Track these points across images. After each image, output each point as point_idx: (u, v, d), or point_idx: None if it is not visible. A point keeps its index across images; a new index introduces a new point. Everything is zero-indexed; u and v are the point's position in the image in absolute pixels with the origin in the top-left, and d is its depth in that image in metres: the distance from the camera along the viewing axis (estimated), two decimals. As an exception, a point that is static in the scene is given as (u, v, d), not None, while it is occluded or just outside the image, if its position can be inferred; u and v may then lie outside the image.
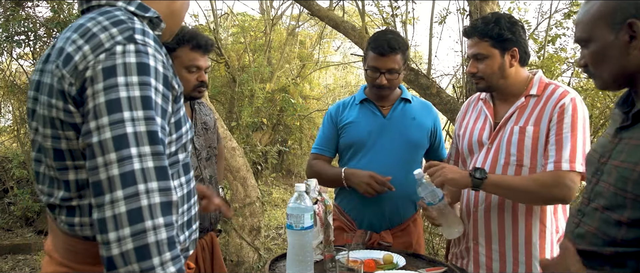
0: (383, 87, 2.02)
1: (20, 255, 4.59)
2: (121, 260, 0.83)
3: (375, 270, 1.66)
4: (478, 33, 1.72)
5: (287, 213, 1.53)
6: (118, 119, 0.86)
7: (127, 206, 0.83)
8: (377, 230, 2.07)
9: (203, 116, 2.02)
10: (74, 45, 0.92)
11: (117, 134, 0.85)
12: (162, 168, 0.88)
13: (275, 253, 3.48)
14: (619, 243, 1.01)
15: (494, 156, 1.74)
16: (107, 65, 0.88)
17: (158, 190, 0.86)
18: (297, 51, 8.88)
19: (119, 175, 0.84)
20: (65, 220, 0.99)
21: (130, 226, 0.83)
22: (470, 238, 1.81)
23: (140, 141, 0.86)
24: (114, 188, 0.84)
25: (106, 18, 0.94)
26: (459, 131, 1.95)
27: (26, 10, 4.66)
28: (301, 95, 8.15)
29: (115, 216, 0.83)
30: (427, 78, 4.05)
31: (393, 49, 1.96)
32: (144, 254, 0.83)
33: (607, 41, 1.06)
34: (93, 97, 0.87)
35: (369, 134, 2.07)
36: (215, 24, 7.17)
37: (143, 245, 0.83)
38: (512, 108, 1.75)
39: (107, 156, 0.85)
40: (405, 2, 4.68)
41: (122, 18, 0.94)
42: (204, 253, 1.93)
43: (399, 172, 2.01)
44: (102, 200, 0.84)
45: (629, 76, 1.07)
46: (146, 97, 0.88)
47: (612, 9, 1.05)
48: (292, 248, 1.53)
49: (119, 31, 0.91)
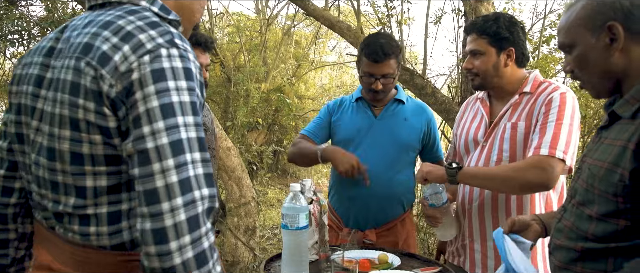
0: (378, 92, 2.04)
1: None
2: (182, 269, 0.82)
3: (370, 270, 1.66)
4: (477, 30, 1.74)
5: (282, 213, 1.53)
6: (173, 125, 0.84)
7: (186, 215, 0.82)
8: (362, 228, 2.08)
9: (202, 117, 2.01)
10: (108, 43, 0.87)
11: (173, 140, 0.83)
12: (209, 175, 0.88)
13: (271, 253, 3.48)
14: (589, 238, 1.04)
15: (487, 154, 1.75)
16: (155, 68, 0.85)
17: (208, 196, 0.86)
18: (293, 50, 8.88)
19: (178, 182, 0.83)
20: (79, 229, 0.93)
21: (189, 234, 0.82)
22: (466, 236, 1.82)
23: (193, 148, 0.86)
24: (173, 196, 0.82)
25: (138, 18, 0.91)
26: (457, 131, 1.96)
27: (20, 10, 4.64)
28: (296, 95, 8.16)
29: (175, 225, 0.81)
30: (423, 78, 4.05)
31: (387, 55, 1.97)
32: (202, 260, 0.84)
33: (589, 44, 1.08)
34: (145, 101, 0.84)
35: (358, 132, 2.09)
36: (211, 24, 7.16)
37: (201, 251, 0.84)
38: (506, 106, 1.76)
39: (164, 163, 0.82)
40: (401, 2, 4.68)
41: (156, 20, 0.92)
42: None
43: (386, 172, 2.03)
44: (159, 208, 0.81)
45: (615, 78, 1.09)
46: (193, 103, 0.88)
47: (592, 13, 1.07)
48: (287, 248, 1.53)
49: (158, 34, 0.88)
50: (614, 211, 1.00)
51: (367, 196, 2.02)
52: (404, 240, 2.12)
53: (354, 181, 2.01)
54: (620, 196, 0.99)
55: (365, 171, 1.95)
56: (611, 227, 1.01)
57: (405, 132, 2.09)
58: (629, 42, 1.05)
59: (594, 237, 1.03)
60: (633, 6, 1.04)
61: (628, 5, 1.04)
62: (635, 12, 1.04)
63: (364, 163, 1.99)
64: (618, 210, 1.00)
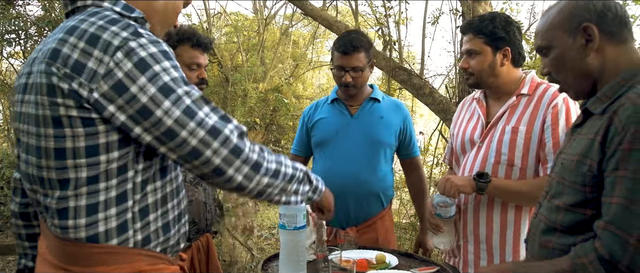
0: (348, 85, 2.09)
1: (10, 256, 4.55)
2: (247, 181, 1.05)
3: (367, 269, 1.67)
4: (473, 29, 1.74)
5: (280, 213, 1.53)
6: (176, 98, 0.96)
7: (227, 148, 1.00)
8: (343, 226, 2.12)
9: None
10: (76, 50, 0.93)
11: (183, 109, 0.96)
12: (224, 116, 1.03)
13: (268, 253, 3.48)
14: (558, 229, 1.10)
15: (484, 155, 1.75)
16: (135, 61, 0.93)
17: (234, 127, 1.03)
18: (291, 50, 8.89)
19: (207, 132, 0.98)
20: (59, 223, 1.00)
21: (238, 158, 1.02)
22: (461, 237, 1.83)
23: (200, 106, 0.99)
24: (209, 144, 0.98)
25: (99, 18, 0.97)
26: (453, 131, 1.97)
27: (17, 9, 4.62)
28: (294, 95, 8.16)
29: (224, 159, 1.00)
30: (420, 78, 4.06)
31: (356, 48, 2.04)
32: (257, 167, 1.05)
33: (566, 46, 1.12)
34: (143, 91, 0.93)
35: (336, 132, 2.14)
36: (208, 24, 7.15)
37: (253, 162, 1.05)
38: (504, 107, 1.76)
39: (188, 127, 0.97)
40: (399, 3, 4.69)
41: (115, 17, 0.98)
42: (200, 255, 1.93)
43: (364, 169, 2.08)
44: (206, 157, 0.99)
45: (592, 79, 1.13)
46: (181, 76, 1.00)
47: (568, 15, 1.12)
48: (285, 248, 1.53)
49: (120, 28, 0.95)
50: (581, 201, 1.06)
51: (347, 195, 2.06)
52: (384, 236, 2.16)
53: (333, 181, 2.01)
54: (588, 186, 1.04)
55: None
56: (578, 217, 1.06)
57: (381, 130, 2.13)
58: (603, 42, 1.09)
59: (562, 227, 1.09)
60: (605, 7, 1.09)
61: (601, 6, 1.09)
62: (608, 14, 1.09)
63: (342, 163, 2.07)
64: (585, 199, 1.05)
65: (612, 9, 1.09)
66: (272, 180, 1.10)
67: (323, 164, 2.15)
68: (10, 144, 5.72)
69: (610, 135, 1.00)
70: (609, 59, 1.10)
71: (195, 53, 1.86)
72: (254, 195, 1.10)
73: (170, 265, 1.11)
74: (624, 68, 1.09)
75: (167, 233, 1.09)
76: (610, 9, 1.09)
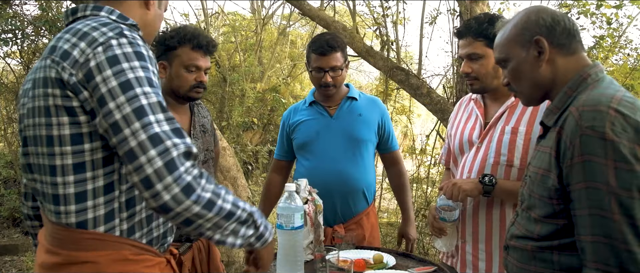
0: (328, 85, 2.12)
1: (7, 256, 4.53)
2: (173, 202, 0.98)
3: (365, 269, 1.67)
4: (472, 33, 1.72)
5: (277, 213, 1.53)
6: (133, 95, 0.99)
7: (163, 160, 0.97)
8: (331, 224, 2.14)
9: (201, 119, 1.99)
10: (68, 43, 1.05)
11: (135, 107, 0.99)
12: (178, 129, 1.03)
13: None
14: (536, 238, 1.15)
15: (483, 156, 1.74)
16: (109, 55, 1.01)
17: (181, 143, 1.01)
18: (288, 50, 8.88)
19: (148, 138, 0.98)
20: (53, 208, 1.08)
21: (170, 175, 0.98)
22: (459, 237, 1.82)
23: (155, 110, 1.01)
24: (146, 150, 0.97)
25: (94, 22, 1.08)
26: (451, 131, 1.96)
27: (14, 8, 4.61)
28: (292, 95, 8.15)
29: (156, 171, 0.97)
30: (418, 78, 4.06)
31: (332, 48, 2.08)
32: (188, 190, 1.00)
33: (520, 58, 1.21)
34: (105, 82, 1.00)
35: (317, 133, 2.17)
36: (206, 23, 7.15)
37: (185, 185, 0.99)
38: (502, 108, 1.75)
39: (132, 126, 0.98)
40: (396, 3, 4.69)
41: (108, 21, 1.09)
42: (201, 255, 1.91)
43: (347, 167, 2.12)
44: (139, 162, 0.97)
45: (544, 88, 1.21)
46: (149, 78, 1.03)
47: (521, 30, 1.20)
48: (283, 248, 1.53)
49: (109, 29, 1.05)
50: (552, 213, 1.11)
51: (333, 193, 2.09)
52: (370, 232, 2.20)
53: (318, 181, 2.06)
54: (554, 199, 1.10)
55: None
56: (553, 227, 1.12)
57: (360, 127, 2.17)
58: (553, 53, 1.17)
59: (539, 237, 1.14)
60: (554, 21, 1.17)
61: (550, 21, 1.17)
62: (556, 27, 1.17)
63: (326, 162, 2.12)
64: (555, 211, 1.11)
65: (561, 22, 1.17)
66: (203, 211, 1.02)
67: (307, 165, 2.18)
68: (6, 144, 5.70)
69: (562, 150, 1.06)
70: (560, 69, 1.18)
71: (195, 55, 1.82)
72: (180, 221, 1.02)
73: (156, 257, 1.16)
74: (571, 78, 1.16)
75: (150, 224, 1.15)
76: (559, 23, 1.17)
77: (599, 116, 1.00)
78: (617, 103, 1.02)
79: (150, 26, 1.25)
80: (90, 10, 1.14)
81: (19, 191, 4.96)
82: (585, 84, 1.14)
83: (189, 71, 1.82)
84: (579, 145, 1.01)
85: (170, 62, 1.82)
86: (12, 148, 5.41)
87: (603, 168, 0.98)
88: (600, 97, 1.04)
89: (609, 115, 1.00)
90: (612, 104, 1.01)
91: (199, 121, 1.95)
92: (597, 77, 1.14)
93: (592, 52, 3.92)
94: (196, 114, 1.95)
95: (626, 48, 4.37)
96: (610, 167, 0.98)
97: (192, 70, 1.82)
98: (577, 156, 1.02)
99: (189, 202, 1.00)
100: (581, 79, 1.15)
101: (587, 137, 1.00)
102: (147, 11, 1.22)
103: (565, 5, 4.23)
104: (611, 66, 3.99)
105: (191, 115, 1.93)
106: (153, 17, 1.24)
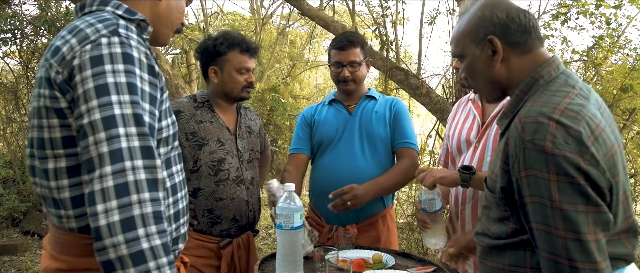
0: (347, 80, 2.13)
1: (6, 256, 4.53)
2: (107, 231, 0.88)
3: (364, 269, 1.67)
4: None
5: (276, 212, 1.53)
6: (106, 102, 0.92)
7: (115, 181, 0.89)
8: (343, 224, 2.11)
9: (247, 120, 2.11)
10: (62, 39, 1.00)
11: (105, 116, 0.92)
12: (147, 148, 0.94)
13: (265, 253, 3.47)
14: (492, 237, 1.15)
15: (480, 155, 1.75)
16: (94, 54, 0.95)
17: (143, 167, 0.92)
18: (288, 50, 8.88)
19: (108, 152, 0.90)
20: (54, 212, 1.04)
21: (116, 199, 0.89)
22: (452, 233, 1.83)
23: (127, 123, 0.93)
24: (103, 164, 0.90)
25: (93, 17, 1.02)
26: (449, 131, 1.96)
27: (13, 8, 4.60)
28: (291, 95, 8.15)
29: (103, 190, 0.89)
30: (417, 78, 4.06)
31: (352, 43, 2.11)
32: (129, 225, 0.89)
33: (474, 55, 1.16)
34: (82, 84, 0.93)
35: (336, 131, 2.16)
36: (206, 23, 7.14)
37: (129, 217, 0.89)
38: (499, 107, 1.76)
39: (97, 135, 0.91)
40: (396, 2, 4.69)
41: (108, 17, 1.02)
42: (240, 251, 1.98)
43: (364, 166, 2.08)
44: (93, 175, 0.90)
45: (499, 87, 1.17)
46: (131, 84, 0.95)
47: (475, 26, 1.15)
48: (282, 248, 1.53)
49: (104, 26, 0.99)
50: (503, 217, 1.12)
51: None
52: (386, 236, 2.14)
53: (333, 178, 2.07)
54: (501, 206, 1.10)
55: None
56: (504, 228, 1.12)
57: (376, 124, 2.16)
58: (508, 53, 1.12)
59: (494, 235, 1.14)
60: (509, 19, 1.11)
61: (505, 18, 1.11)
62: (511, 25, 1.11)
63: (342, 160, 2.09)
64: (504, 216, 1.11)
65: (515, 19, 1.11)
66: (127, 260, 0.87)
67: (323, 162, 2.16)
68: (5, 143, 5.69)
69: (510, 161, 1.03)
70: (515, 69, 1.13)
71: (244, 58, 1.98)
72: (99, 257, 0.89)
73: None
74: (524, 77, 1.12)
75: None
76: (514, 20, 1.11)
77: (540, 128, 0.97)
78: (559, 114, 0.97)
79: (164, 18, 1.16)
80: (97, 5, 1.08)
81: (18, 191, 4.96)
82: (536, 86, 1.10)
83: (240, 73, 1.97)
84: (523, 159, 0.99)
85: (221, 67, 1.97)
86: (11, 148, 5.41)
87: (546, 183, 0.96)
88: (542, 108, 1.00)
89: (549, 127, 0.96)
90: (554, 115, 0.97)
91: (245, 122, 2.09)
92: (549, 78, 1.10)
93: (591, 52, 3.92)
94: (243, 116, 2.10)
95: (625, 48, 4.37)
96: (553, 181, 0.95)
97: (243, 72, 1.98)
98: (522, 170, 0.99)
99: (121, 237, 0.87)
100: (533, 81, 1.11)
101: (529, 151, 0.97)
102: (157, 2, 1.14)
103: (564, 5, 4.24)
104: (610, 66, 3.99)
105: (238, 116, 2.07)
106: (166, 8, 1.15)
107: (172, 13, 1.17)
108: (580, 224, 0.95)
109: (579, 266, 0.95)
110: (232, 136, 1.98)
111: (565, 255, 0.95)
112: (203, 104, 1.98)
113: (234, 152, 1.96)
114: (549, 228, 0.97)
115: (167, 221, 1.09)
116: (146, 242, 0.89)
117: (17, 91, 5.24)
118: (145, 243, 0.89)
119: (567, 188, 0.95)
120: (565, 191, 0.95)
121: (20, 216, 5.17)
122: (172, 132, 1.11)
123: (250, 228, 2.03)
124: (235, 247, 1.95)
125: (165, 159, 1.09)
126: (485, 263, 1.18)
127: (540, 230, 0.99)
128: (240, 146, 2.00)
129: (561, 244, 0.95)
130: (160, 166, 0.95)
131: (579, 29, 4.29)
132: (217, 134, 1.94)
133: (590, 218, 0.95)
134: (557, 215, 0.96)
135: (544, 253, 0.99)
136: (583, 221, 0.95)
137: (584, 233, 0.95)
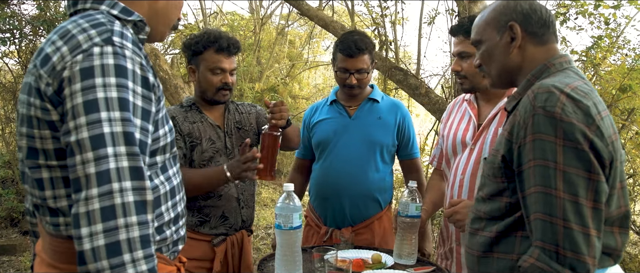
0: (353, 86, 2.08)
1: (4, 256, 4.52)
2: (91, 255, 0.85)
3: (363, 269, 1.67)
4: (464, 31, 1.73)
5: (275, 212, 1.53)
6: (95, 120, 0.88)
7: (101, 204, 0.85)
8: (339, 226, 2.11)
9: (237, 115, 2.03)
10: (53, 46, 0.94)
11: (94, 134, 0.87)
12: (137, 169, 0.90)
13: (264, 253, 3.47)
14: (482, 217, 1.19)
15: (476, 157, 1.74)
16: (84, 66, 0.90)
17: (132, 189, 0.88)
18: (287, 50, 8.88)
19: (95, 173, 0.86)
20: (50, 220, 1.00)
21: (102, 222, 0.85)
22: (453, 240, 1.82)
23: (117, 142, 0.88)
24: (89, 186, 0.86)
25: (86, 21, 0.96)
26: (444, 132, 1.94)
27: (11, 8, 4.60)
28: (290, 95, 8.14)
29: (88, 213, 0.85)
30: (416, 78, 4.06)
31: (361, 50, 2.03)
32: (114, 250, 0.85)
33: (494, 41, 1.23)
34: (71, 98, 0.89)
35: (334, 133, 2.13)
36: (204, 23, 7.13)
37: (114, 241, 0.85)
38: (495, 109, 1.75)
39: (84, 155, 0.87)
40: (395, 2, 4.69)
41: (102, 20, 0.96)
42: (234, 249, 1.95)
43: (360, 170, 2.07)
44: (79, 196, 0.87)
45: (511, 73, 1.23)
46: (123, 99, 0.90)
47: (498, 14, 1.22)
48: (281, 248, 1.53)
49: (97, 33, 0.93)
50: (498, 191, 1.14)
51: (342, 195, 2.07)
52: (381, 237, 2.13)
53: (329, 181, 2.06)
54: (499, 177, 1.13)
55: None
56: (497, 205, 1.15)
57: (379, 130, 2.12)
58: (525, 41, 1.19)
59: (485, 215, 1.18)
60: (531, 10, 1.19)
61: (528, 8, 1.19)
62: (533, 16, 1.19)
63: (338, 163, 2.06)
64: (499, 189, 1.14)
65: (537, 11, 1.19)
66: None
67: (321, 164, 2.15)
68: (4, 143, 5.69)
69: (515, 131, 1.08)
70: (529, 57, 1.20)
71: (219, 57, 1.87)
72: None
73: (167, 265, 1.10)
74: (537, 66, 1.18)
75: (162, 234, 1.08)
76: (536, 12, 1.19)
77: (551, 97, 1.02)
78: (570, 90, 1.04)
79: (162, 16, 1.12)
80: (91, 2, 1.02)
81: (16, 191, 4.95)
82: (547, 72, 1.16)
83: (214, 74, 1.88)
84: (531, 124, 1.03)
85: (197, 66, 1.89)
86: (10, 148, 5.40)
87: (552, 146, 1.00)
88: (555, 83, 1.06)
89: (560, 97, 1.02)
90: (566, 89, 1.03)
91: (232, 118, 2.00)
92: (561, 67, 1.16)
93: (590, 53, 3.92)
94: (231, 112, 2.01)
95: (624, 48, 4.37)
96: (559, 145, 1.00)
97: (217, 72, 1.88)
98: (529, 135, 1.03)
99: (105, 265, 0.84)
100: (545, 68, 1.17)
101: (538, 116, 1.02)
102: (156, 1, 1.10)
103: (563, 5, 4.24)
104: (609, 66, 3.99)
105: (225, 112, 1.99)
106: (165, 6, 1.12)
107: (170, 10, 1.14)
108: (580, 188, 0.99)
109: (573, 227, 0.98)
110: (222, 134, 1.95)
111: (562, 216, 0.99)
112: (190, 107, 1.94)
113: (223, 150, 1.93)
114: (548, 189, 1.01)
115: (167, 224, 1.08)
116: (131, 268, 0.86)
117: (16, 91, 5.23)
118: (131, 270, 0.86)
119: (572, 153, 1.00)
120: (569, 156, 1.00)
121: (19, 216, 5.16)
122: (169, 140, 1.09)
123: (245, 227, 2.01)
124: (228, 244, 1.92)
125: (162, 166, 1.08)
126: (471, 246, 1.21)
127: (539, 192, 1.02)
128: (229, 144, 1.96)
129: (559, 204, 0.99)
130: (149, 187, 0.91)
131: (578, 29, 4.30)
132: (208, 133, 1.91)
133: (590, 185, 1.00)
134: (559, 176, 1.00)
135: (539, 215, 1.02)
136: (583, 186, 0.99)
137: (582, 197, 0.99)
